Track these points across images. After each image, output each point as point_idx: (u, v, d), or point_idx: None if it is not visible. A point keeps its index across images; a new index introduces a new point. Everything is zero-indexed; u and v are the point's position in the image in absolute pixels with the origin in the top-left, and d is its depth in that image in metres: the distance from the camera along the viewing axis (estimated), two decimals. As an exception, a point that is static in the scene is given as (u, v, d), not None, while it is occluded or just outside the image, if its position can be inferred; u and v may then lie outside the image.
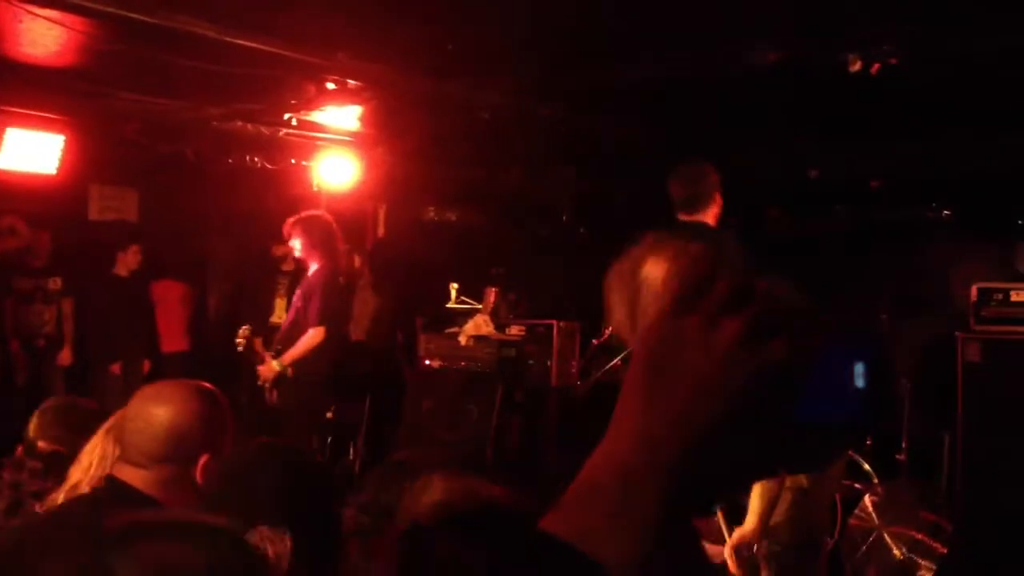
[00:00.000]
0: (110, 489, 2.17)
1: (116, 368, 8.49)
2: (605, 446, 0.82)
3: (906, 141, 6.23)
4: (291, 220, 6.67)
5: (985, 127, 5.82)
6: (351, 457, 8.60)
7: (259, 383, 6.74)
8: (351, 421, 8.80)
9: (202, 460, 2.23)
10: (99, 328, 8.44)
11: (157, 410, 2.20)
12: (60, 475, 2.64)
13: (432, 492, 2.21)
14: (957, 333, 5.64)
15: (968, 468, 5.55)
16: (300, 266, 8.39)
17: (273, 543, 1.60)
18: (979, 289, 5.60)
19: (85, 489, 2.22)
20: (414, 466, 2.50)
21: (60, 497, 2.23)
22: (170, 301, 9.46)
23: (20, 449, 2.89)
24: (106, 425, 2.30)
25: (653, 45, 4.72)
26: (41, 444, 2.85)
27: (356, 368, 8.58)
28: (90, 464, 2.24)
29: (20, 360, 7.94)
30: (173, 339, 9.45)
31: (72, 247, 8.43)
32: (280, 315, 9.06)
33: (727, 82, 5.14)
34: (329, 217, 6.79)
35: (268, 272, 9.12)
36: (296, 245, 6.67)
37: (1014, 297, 5.49)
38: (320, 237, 6.56)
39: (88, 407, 3.16)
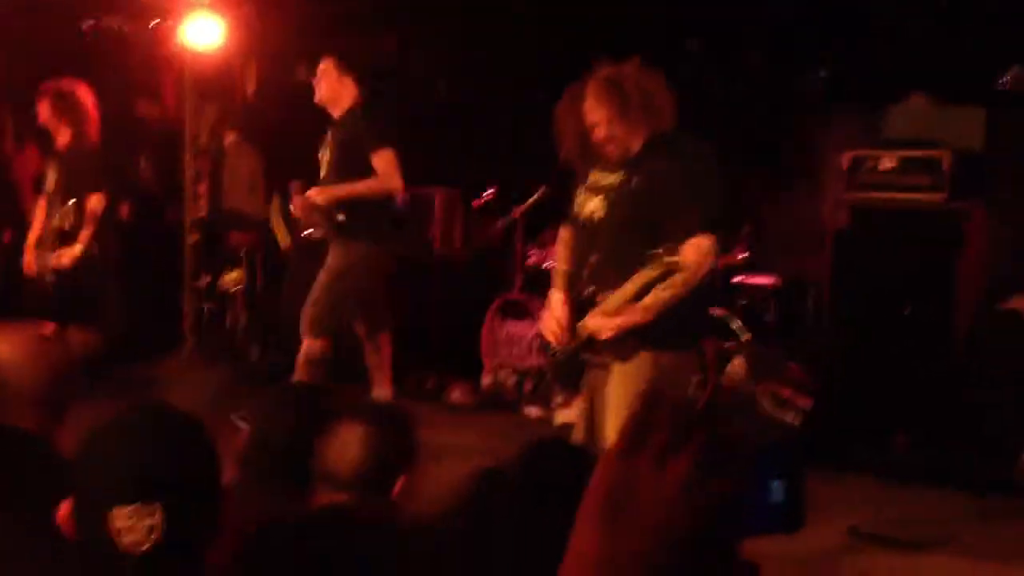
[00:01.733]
0: None
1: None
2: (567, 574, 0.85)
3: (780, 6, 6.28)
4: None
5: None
6: (228, 326, 8.52)
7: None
8: (225, 289, 8.70)
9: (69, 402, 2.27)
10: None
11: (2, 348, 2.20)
12: None
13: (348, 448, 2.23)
14: (829, 199, 5.84)
15: (835, 326, 5.84)
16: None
17: (141, 518, 1.57)
18: (852, 156, 5.77)
19: None
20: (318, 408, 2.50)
21: None
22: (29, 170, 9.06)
23: None
24: None
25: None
26: None
27: (230, 235, 8.44)
28: None
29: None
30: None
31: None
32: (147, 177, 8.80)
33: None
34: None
35: (133, 135, 8.79)
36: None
37: (884, 165, 5.68)
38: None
39: None
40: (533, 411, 6.58)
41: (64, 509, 1.64)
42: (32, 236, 6.20)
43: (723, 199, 3.64)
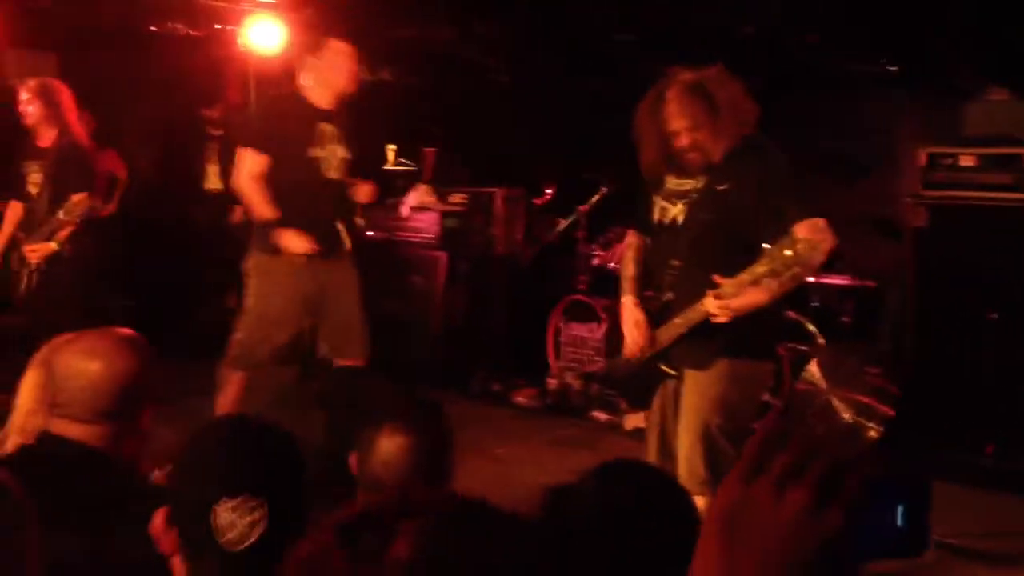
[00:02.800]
0: (53, 445, 2.13)
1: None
2: None
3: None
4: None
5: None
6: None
7: None
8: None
9: (147, 409, 2.25)
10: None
11: (92, 365, 2.16)
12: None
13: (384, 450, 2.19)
14: (907, 198, 5.66)
15: (916, 331, 5.66)
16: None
17: (243, 513, 1.65)
18: (928, 153, 5.59)
19: (29, 431, 2.16)
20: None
21: (8, 443, 2.16)
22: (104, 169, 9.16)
23: None
24: (36, 361, 2.22)
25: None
26: None
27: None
28: (29, 410, 2.17)
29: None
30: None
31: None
32: (214, 182, 8.84)
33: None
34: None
35: (198, 138, 8.85)
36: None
37: (963, 162, 5.49)
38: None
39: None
40: (601, 415, 6.48)
41: (159, 519, 1.70)
42: (3, 240, 5.83)
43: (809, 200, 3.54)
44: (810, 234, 3.29)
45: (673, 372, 3.71)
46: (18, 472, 2.05)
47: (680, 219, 3.64)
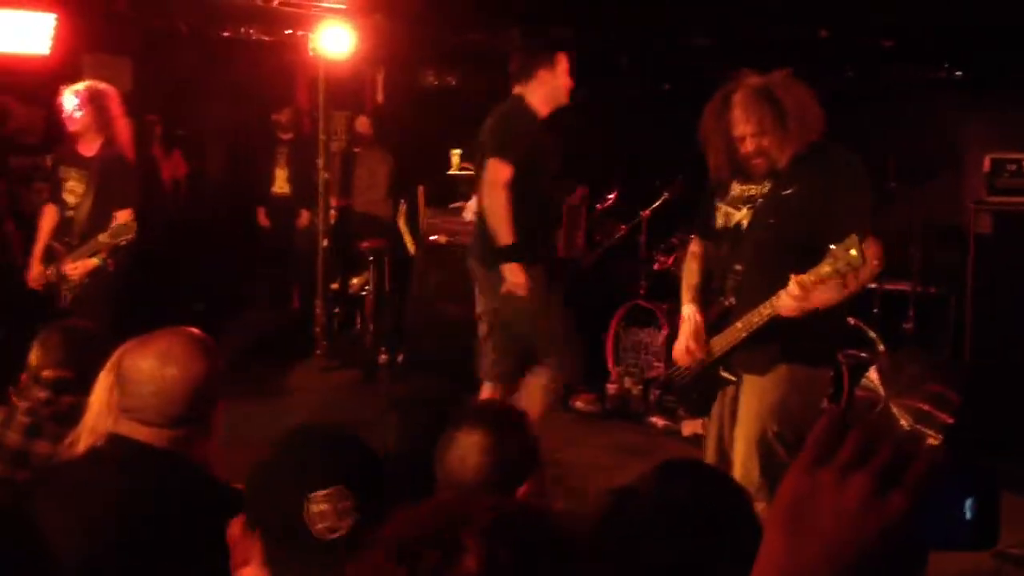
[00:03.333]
0: (126, 448, 2.16)
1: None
2: None
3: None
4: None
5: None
6: (358, 328, 8.68)
7: None
8: (356, 292, 8.85)
9: (217, 410, 2.27)
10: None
11: (169, 371, 2.17)
12: (72, 397, 2.66)
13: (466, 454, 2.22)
14: (971, 204, 5.61)
15: (976, 338, 5.60)
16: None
17: (332, 502, 1.69)
18: (992, 159, 5.53)
19: (101, 432, 2.20)
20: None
21: (80, 444, 2.22)
22: (166, 171, 9.39)
23: (24, 378, 2.88)
24: (110, 364, 2.26)
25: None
26: (46, 373, 2.84)
27: (359, 238, 8.58)
28: (99, 411, 2.21)
29: (16, 240, 7.85)
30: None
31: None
32: (281, 185, 9.02)
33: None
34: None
35: (267, 142, 9.02)
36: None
37: (1027, 169, 5.44)
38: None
39: (86, 329, 3.14)
40: (659, 421, 6.49)
41: (236, 527, 1.73)
42: (39, 248, 5.66)
43: (874, 207, 3.54)
44: (869, 254, 3.29)
45: (732, 377, 3.71)
46: (88, 471, 2.15)
47: (744, 224, 3.64)
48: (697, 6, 6.66)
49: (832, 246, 3.21)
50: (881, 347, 5.88)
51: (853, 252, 3.13)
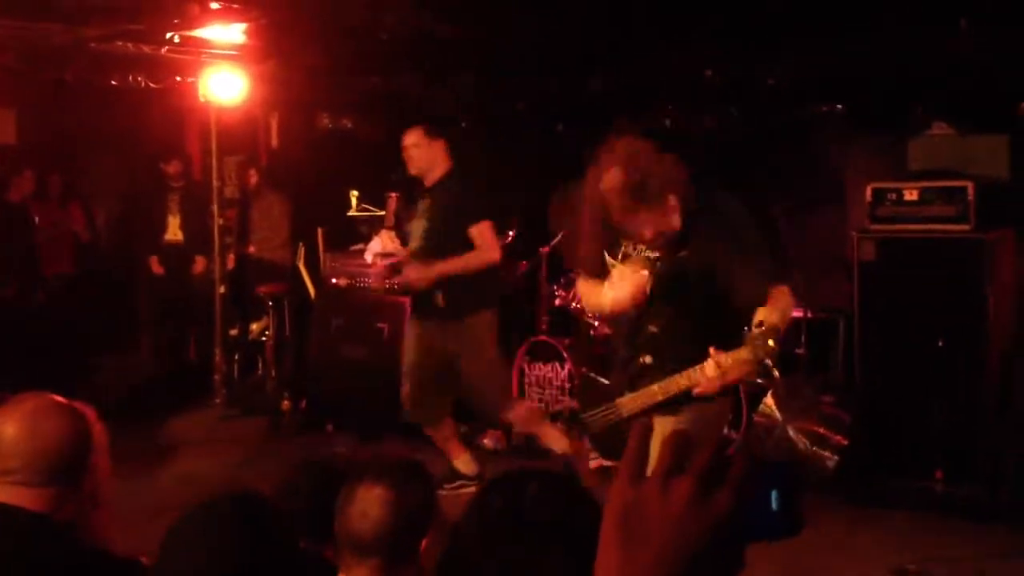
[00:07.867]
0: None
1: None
2: None
3: (801, 39, 6.28)
4: None
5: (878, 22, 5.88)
6: (259, 374, 8.57)
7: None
8: (256, 338, 8.75)
9: (98, 480, 2.26)
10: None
11: (39, 427, 2.17)
12: None
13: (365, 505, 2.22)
14: (853, 232, 5.81)
15: (864, 360, 5.79)
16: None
17: None
18: (873, 189, 5.75)
19: None
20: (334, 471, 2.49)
21: None
22: (53, 223, 9.22)
23: None
24: None
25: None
26: None
27: (256, 284, 8.50)
28: None
29: None
30: (57, 261, 9.25)
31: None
32: (174, 233, 8.89)
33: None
34: None
35: (158, 189, 8.90)
36: None
37: (907, 196, 5.66)
38: None
39: None
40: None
41: None
42: None
43: (774, 239, 3.64)
44: (785, 301, 3.46)
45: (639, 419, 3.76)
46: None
47: (648, 287, 3.68)
48: (588, 49, 6.80)
49: (753, 330, 3.31)
50: (776, 373, 6.02)
51: (771, 343, 3.26)
